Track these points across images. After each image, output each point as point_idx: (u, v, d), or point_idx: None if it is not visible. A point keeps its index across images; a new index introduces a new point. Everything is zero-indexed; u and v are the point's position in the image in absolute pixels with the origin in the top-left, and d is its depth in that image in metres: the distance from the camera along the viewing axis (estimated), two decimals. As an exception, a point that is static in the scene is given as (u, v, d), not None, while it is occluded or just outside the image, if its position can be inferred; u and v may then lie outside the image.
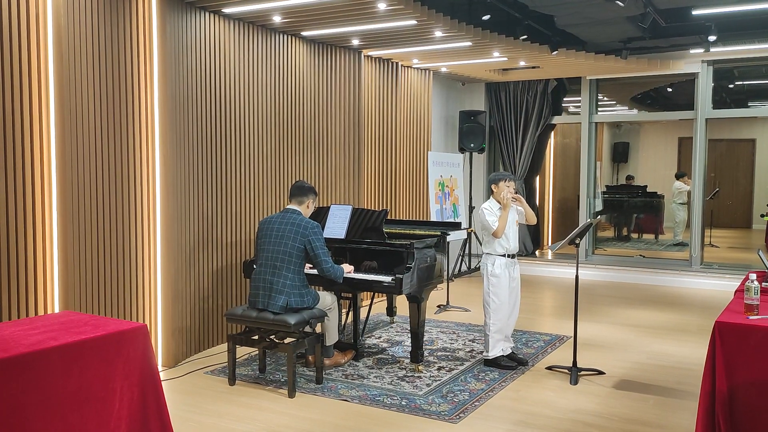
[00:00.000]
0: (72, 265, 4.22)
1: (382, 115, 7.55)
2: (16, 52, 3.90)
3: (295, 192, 4.64)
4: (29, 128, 3.99)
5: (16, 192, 3.93)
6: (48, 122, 4.08)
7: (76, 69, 4.24)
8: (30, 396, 2.61)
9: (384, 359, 5.15)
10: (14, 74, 3.90)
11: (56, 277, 4.15)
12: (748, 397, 3.05)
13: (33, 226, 4.02)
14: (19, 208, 3.94)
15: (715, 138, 12.40)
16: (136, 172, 4.75)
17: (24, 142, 3.96)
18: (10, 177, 3.89)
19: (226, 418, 3.98)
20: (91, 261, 4.44)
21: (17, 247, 3.94)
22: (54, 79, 4.09)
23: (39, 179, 4.05)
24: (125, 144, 4.65)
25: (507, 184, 4.89)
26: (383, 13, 5.32)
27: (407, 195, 8.11)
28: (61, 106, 4.11)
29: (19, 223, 3.95)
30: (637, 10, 6.50)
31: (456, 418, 3.99)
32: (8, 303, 3.90)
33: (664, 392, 4.49)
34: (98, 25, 4.41)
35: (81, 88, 4.29)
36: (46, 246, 4.09)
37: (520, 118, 9.55)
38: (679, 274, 8.54)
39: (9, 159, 3.88)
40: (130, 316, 4.75)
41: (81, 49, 4.28)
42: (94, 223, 4.44)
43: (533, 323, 6.38)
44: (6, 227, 3.88)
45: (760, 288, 3.27)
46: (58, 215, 4.14)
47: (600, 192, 11.22)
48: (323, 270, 4.47)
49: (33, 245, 4.03)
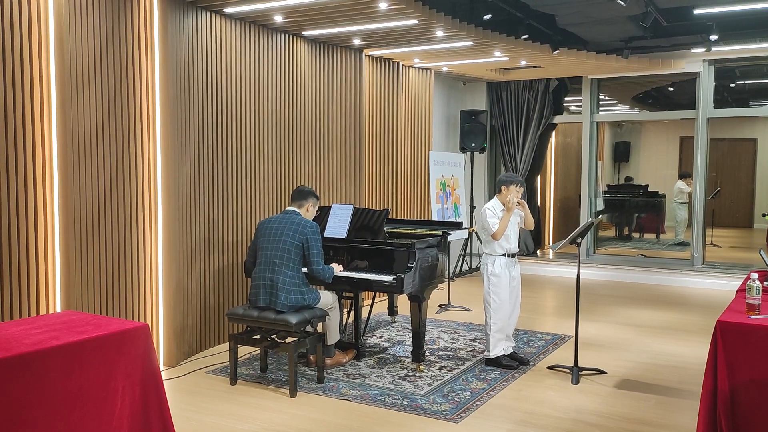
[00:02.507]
0: (74, 265, 4.23)
1: (383, 115, 7.55)
2: (17, 53, 3.90)
3: (295, 196, 4.73)
4: (31, 128, 3.99)
5: (17, 192, 3.93)
6: (49, 122, 4.08)
7: (77, 69, 4.24)
8: (32, 395, 2.61)
9: (385, 359, 5.15)
10: (15, 74, 3.90)
11: (58, 277, 4.15)
12: (749, 397, 3.05)
13: (35, 225, 4.03)
14: (20, 208, 3.95)
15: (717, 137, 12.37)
16: (138, 172, 4.75)
17: (26, 142, 3.96)
18: (11, 177, 3.89)
19: (227, 418, 3.98)
20: (93, 260, 4.44)
21: (19, 247, 3.95)
22: (55, 79, 4.09)
23: (41, 179, 4.05)
24: (126, 144, 4.65)
25: (517, 189, 4.87)
26: (384, 12, 5.31)
27: (408, 194, 8.11)
28: (63, 105, 4.11)
29: (21, 223, 3.95)
30: (639, 10, 6.49)
31: (457, 418, 3.99)
32: (10, 302, 3.91)
33: (665, 392, 4.49)
34: (99, 25, 4.41)
35: (82, 88, 4.30)
36: (48, 246, 4.10)
37: (522, 117, 9.55)
38: (680, 274, 8.53)
39: (11, 159, 3.88)
40: (132, 315, 4.75)
41: (82, 49, 4.28)
42: (95, 223, 4.45)
43: (534, 323, 6.38)
44: (8, 227, 3.88)
45: (761, 287, 3.27)
46: (60, 215, 4.14)
47: (601, 191, 11.22)
48: (314, 270, 4.50)
49: (35, 245, 4.03)
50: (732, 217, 13.55)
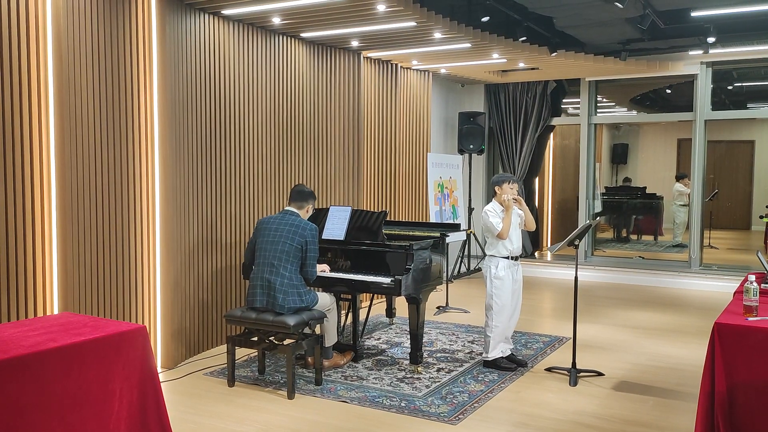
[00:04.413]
0: (71, 267, 4.22)
1: (382, 117, 7.56)
2: (15, 55, 3.90)
3: (295, 196, 4.69)
4: (29, 130, 3.99)
5: (15, 194, 3.92)
6: (47, 124, 4.08)
7: (75, 71, 4.24)
8: (29, 397, 2.61)
9: (383, 360, 5.15)
10: (14, 77, 3.89)
11: (56, 279, 4.14)
12: (747, 398, 3.05)
13: (33, 227, 4.02)
14: (18, 210, 3.94)
15: (714, 139, 12.40)
16: (136, 174, 4.75)
17: (24, 144, 3.96)
18: (9, 179, 3.89)
19: (225, 420, 3.98)
20: (91, 262, 4.44)
21: (17, 249, 3.94)
22: (53, 81, 4.09)
23: (39, 181, 4.05)
24: (125, 146, 4.65)
25: (510, 186, 4.88)
26: (382, 14, 5.32)
27: (406, 196, 8.12)
28: (61, 108, 4.11)
29: (19, 225, 3.95)
30: (636, 12, 6.50)
31: (455, 420, 3.99)
32: (8, 304, 3.90)
33: (663, 393, 4.49)
34: (98, 27, 4.41)
35: (80, 90, 4.29)
36: (46, 247, 4.09)
37: (520, 119, 9.56)
38: (678, 276, 8.54)
39: (8, 161, 3.88)
40: (130, 317, 4.75)
41: (80, 51, 4.28)
42: (93, 225, 4.44)
43: (533, 324, 6.38)
44: (6, 229, 3.88)
45: (759, 289, 3.28)
46: (58, 217, 4.14)
47: (599, 193, 11.22)
48: (306, 272, 4.53)
49: (33, 247, 4.02)
50: (730, 219, 13.58)
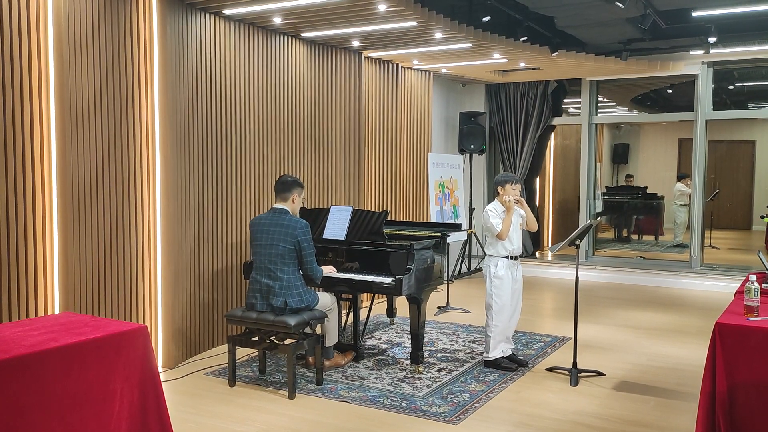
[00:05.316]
0: (72, 266, 4.22)
1: (383, 117, 7.56)
2: (16, 53, 3.90)
3: (279, 188, 4.57)
4: (29, 128, 3.99)
5: (16, 192, 3.92)
6: (48, 122, 4.08)
7: (76, 70, 4.24)
8: (30, 397, 2.61)
9: (384, 360, 5.15)
10: (15, 75, 3.89)
11: (56, 278, 4.14)
12: (748, 399, 3.05)
13: (33, 226, 4.02)
14: (19, 209, 3.94)
15: (715, 139, 12.41)
16: (137, 173, 4.75)
17: (24, 142, 3.96)
18: (10, 177, 3.89)
19: (226, 420, 3.98)
20: (92, 262, 4.44)
21: (17, 248, 3.94)
22: (54, 79, 4.09)
23: (39, 179, 4.05)
24: (126, 145, 4.65)
25: (513, 187, 4.86)
26: (383, 14, 5.32)
27: (407, 196, 8.11)
28: (62, 106, 4.11)
29: (20, 224, 3.95)
30: (637, 12, 6.50)
31: (456, 420, 3.99)
32: (8, 304, 3.90)
33: (664, 394, 4.49)
34: (99, 26, 4.41)
35: (81, 88, 4.30)
36: (47, 247, 4.09)
37: (520, 119, 9.56)
38: (679, 276, 8.54)
39: (9, 159, 3.88)
40: (131, 317, 4.75)
41: (81, 50, 4.28)
42: (94, 224, 4.45)
43: (533, 324, 6.38)
44: (6, 228, 3.88)
45: (760, 289, 3.27)
46: (59, 216, 4.14)
47: (600, 193, 11.22)
48: (306, 269, 4.50)
49: (33, 246, 4.02)
50: (730, 219, 13.57)
